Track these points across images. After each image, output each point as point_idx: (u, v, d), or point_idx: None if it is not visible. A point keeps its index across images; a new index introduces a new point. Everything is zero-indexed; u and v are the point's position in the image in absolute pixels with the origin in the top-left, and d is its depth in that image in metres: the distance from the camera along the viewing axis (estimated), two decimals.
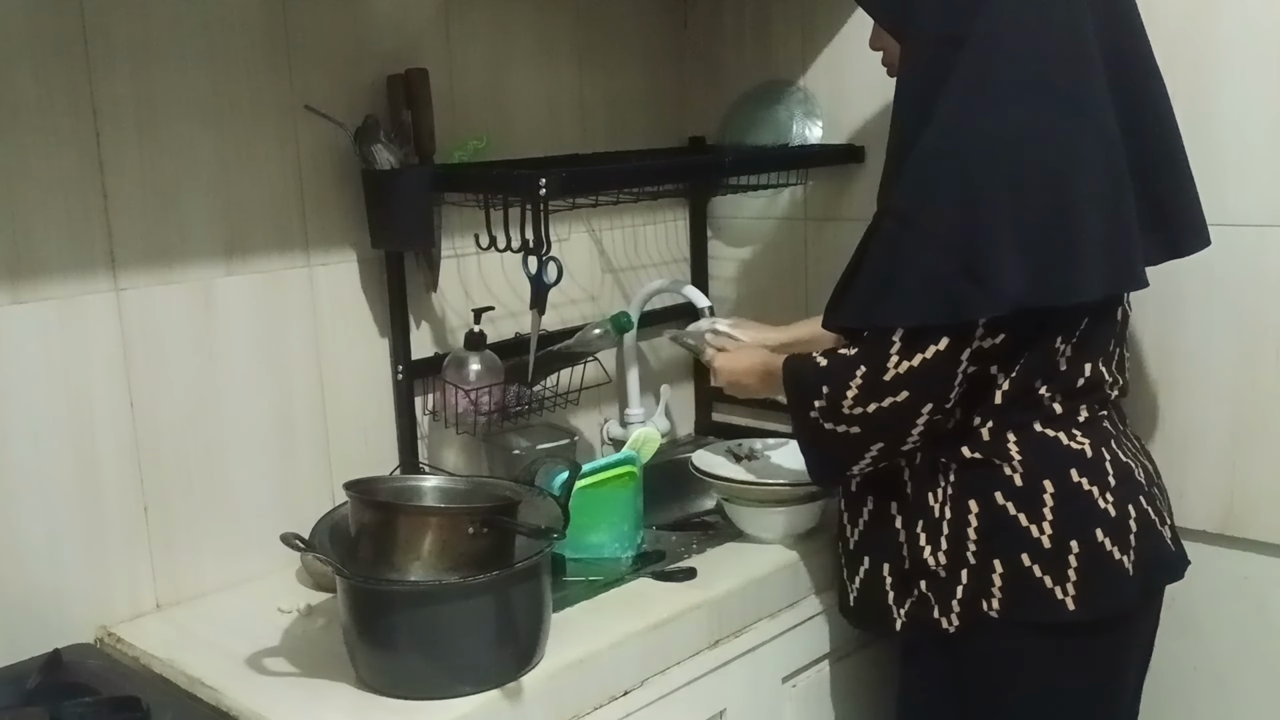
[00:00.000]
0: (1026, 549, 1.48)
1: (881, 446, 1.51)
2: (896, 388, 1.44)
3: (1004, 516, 1.49)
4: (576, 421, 2.15)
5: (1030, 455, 1.50)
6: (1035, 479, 1.49)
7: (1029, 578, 1.48)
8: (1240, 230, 1.72)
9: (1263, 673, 1.81)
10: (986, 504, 1.50)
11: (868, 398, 1.46)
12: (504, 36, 2.00)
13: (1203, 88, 1.72)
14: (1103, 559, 1.48)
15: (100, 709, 1.32)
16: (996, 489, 1.49)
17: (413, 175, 1.75)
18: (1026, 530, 1.48)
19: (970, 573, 1.50)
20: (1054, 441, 1.51)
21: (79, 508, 1.55)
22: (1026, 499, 1.49)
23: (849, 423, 1.49)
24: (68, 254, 1.51)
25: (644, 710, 1.53)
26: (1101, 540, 1.48)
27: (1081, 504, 1.49)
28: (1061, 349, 1.49)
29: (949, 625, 1.52)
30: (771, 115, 2.16)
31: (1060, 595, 1.48)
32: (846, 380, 1.47)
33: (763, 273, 2.30)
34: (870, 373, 1.45)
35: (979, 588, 1.50)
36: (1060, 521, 1.48)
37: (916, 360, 1.42)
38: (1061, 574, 1.48)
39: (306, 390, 1.77)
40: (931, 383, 1.44)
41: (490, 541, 1.35)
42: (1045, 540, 1.48)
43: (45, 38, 1.47)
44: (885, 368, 1.44)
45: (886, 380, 1.44)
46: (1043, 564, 1.48)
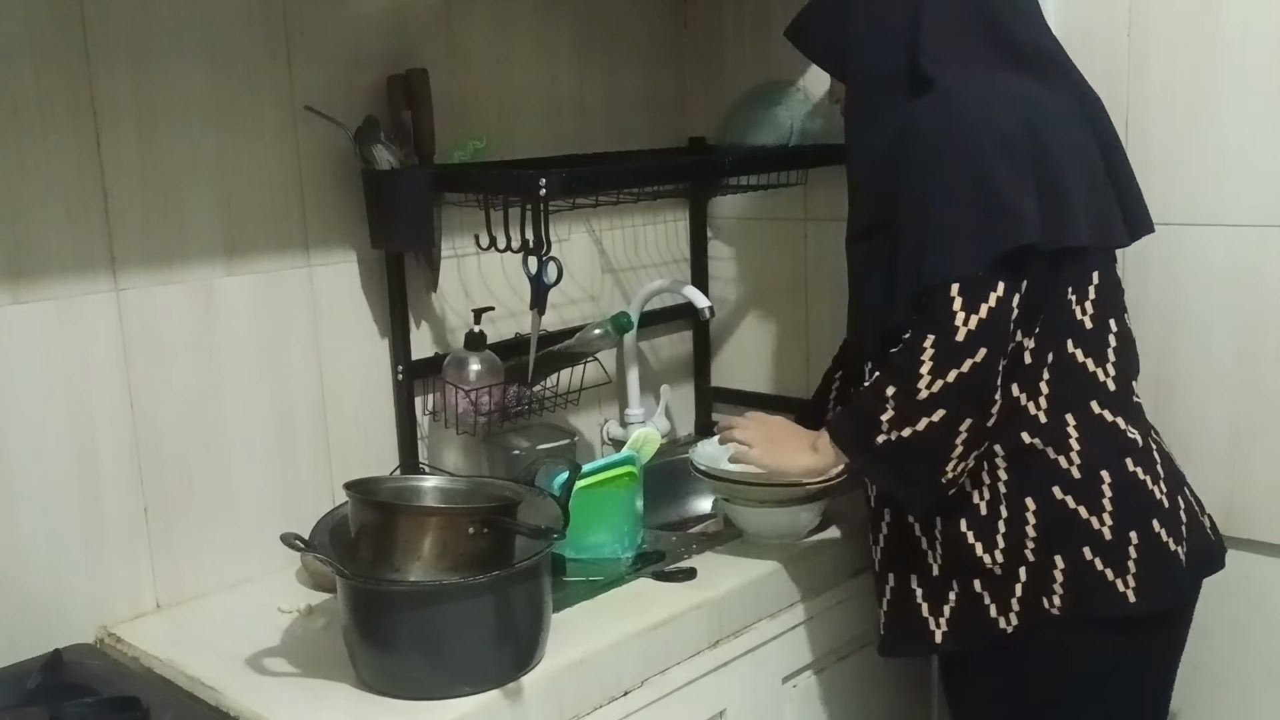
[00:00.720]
0: (1088, 542, 1.48)
1: (970, 423, 1.42)
2: (973, 346, 1.38)
3: (1064, 511, 1.48)
4: (576, 422, 2.15)
5: (1088, 444, 1.50)
6: (1093, 470, 1.49)
7: (1091, 571, 1.48)
8: (1240, 230, 1.72)
9: (1263, 673, 1.81)
10: (1045, 499, 1.49)
11: (945, 366, 1.39)
12: (504, 36, 2.00)
13: (1203, 88, 1.72)
14: (1160, 550, 1.49)
15: (100, 709, 1.32)
16: (1054, 483, 1.49)
17: (413, 175, 1.75)
18: (1087, 523, 1.48)
19: (1029, 569, 1.49)
20: (1111, 428, 1.52)
21: (79, 508, 1.55)
22: (1085, 491, 1.48)
23: (930, 408, 1.40)
24: (68, 254, 1.51)
25: (644, 710, 1.52)
26: (1158, 531, 1.50)
27: (1138, 494, 1.50)
28: (1076, 302, 1.51)
29: (1007, 625, 1.50)
30: (771, 115, 2.16)
31: (1121, 588, 1.48)
32: (917, 357, 1.40)
33: (763, 273, 2.30)
34: (940, 339, 1.39)
35: (1039, 584, 1.49)
36: (1120, 512, 1.48)
37: (983, 311, 1.39)
38: (1122, 566, 1.48)
39: (307, 390, 1.77)
40: (1000, 332, 1.41)
41: (490, 542, 1.35)
42: (1106, 532, 1.48)
43: (45, 38, 1.47)
44: (955, 328, 1.38)
45: (960, 341, 1.38)
46: (1104, 557, 1.48)
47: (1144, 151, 1.78)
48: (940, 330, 1.40)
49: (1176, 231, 1.77)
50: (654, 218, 2.27)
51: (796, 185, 2.14)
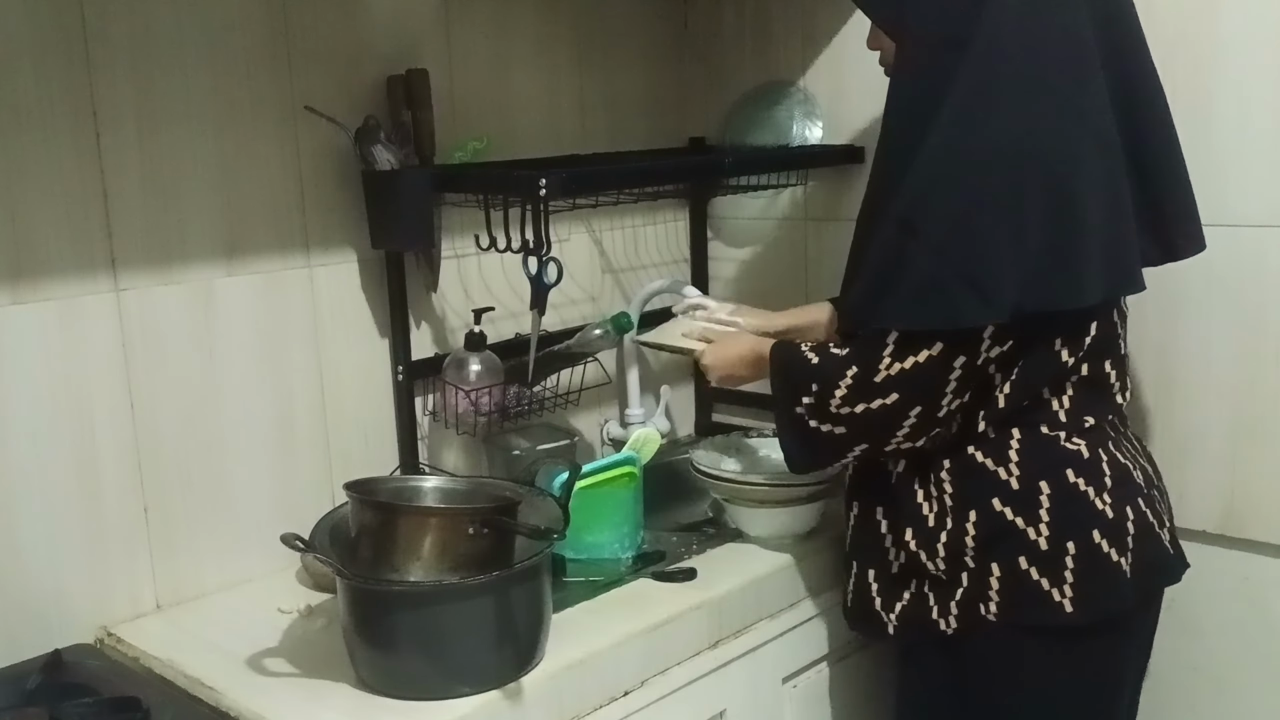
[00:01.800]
0: (1024, 552, 1.48)
1: (865, 447, 1.52)
2: (886, 390, 1.44)
3: (1002, 522, 1.49)
4: (577, 422, 2.15)
5: (1027, 456, 1.49)
6: (1031, 481, 1.49)
7: (1026, 581, 1.48)
8: (1240, 230, 1.72)
9: (1263, 673, 1.81)
10: (984, 511, 1.49)
11: (856, 398, 1.46)
12: (504, 37, 2.00)
13: (1203, 88, 1.72)
14: (1100, 561, 1.48)
15: (100, 709, 1.32)
16: (994, 495, 1.49)
17: (413, 176, 1.75)
18: (1024, 533, 1.48)
19: (969, 576, 1.50)
20: (1051, 440, 1.51)
21: (79, 508, 1.55)
22: (1023, 502, 1.48)
23: (835, 422, 1.49)
24: (68, 254, 1.52)
25: (644, 711, 1.53)
26: (1099, 542, 1.48)
27: (1078, 505, 1.49)
28: (1066, 353, 1.49)
29: (946, 627, 1.52)
30: (771, 116, 2.16)
31: (1058, 598, 1.47)
32: (836, 379, 1.47)
33: (763, 273, 2.30)
34: (861, 373, 1.45)
35: (977, 591, 1.50)
36: (1057, 523, 1.48)
37: (909, 363, 1.42)
38: (1059, 576, 1.47)
39: (306, 391, 1.77)
40: (921, 387, 1.43)
41: (490, 542, 1.35)
42: (1042, 543, 1.48)
43: (45, 38, 1.47)
44: (877, 369, 1.44)
45: (877, 382, 1.44)
46: (1040, 566, 1.48)
47: None
48: (863, 365, 1.45)
49: None
50: (654, 218, 2.27)
51: (796, 185, 2.15)
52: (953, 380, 1.43)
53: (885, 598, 1.59)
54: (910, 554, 1.54)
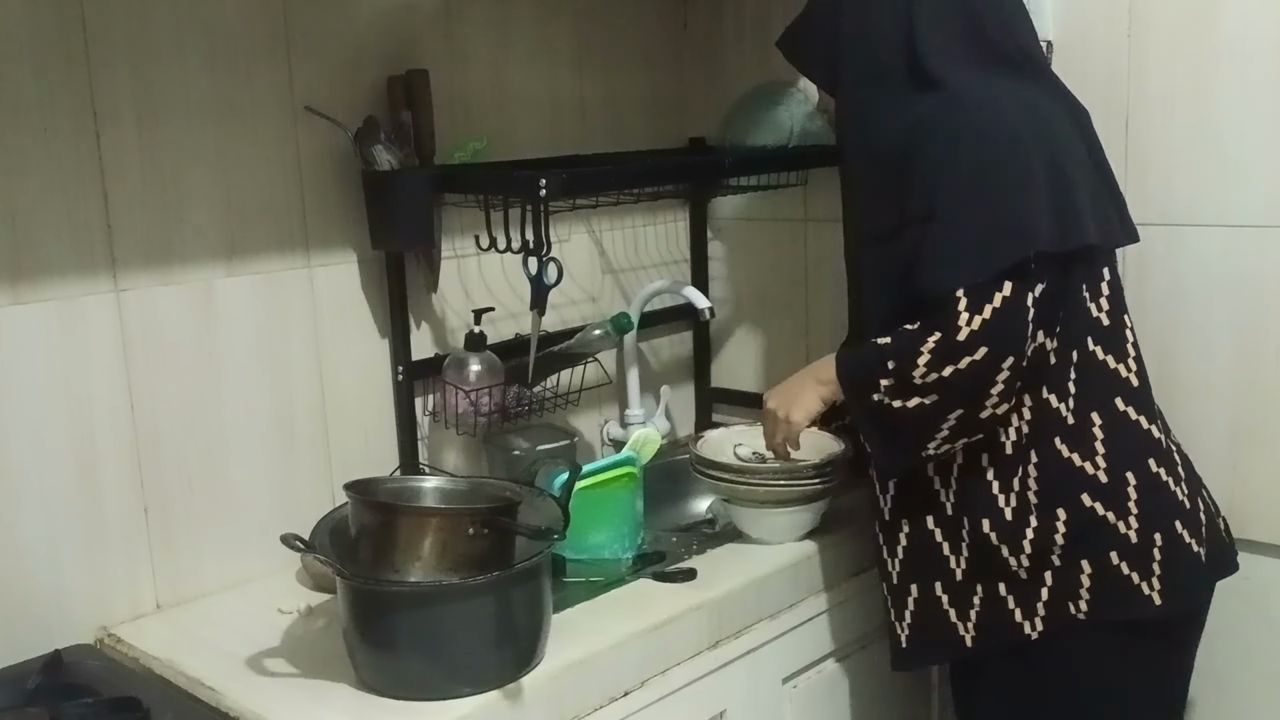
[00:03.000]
0: (1115, 547, 1.48)
1: (960, 414, 1.46)
2: (973, 345, 1.41)
3: (1092, 517, 1.49)
4: (577, 422, 2.15)
5: (1113, 446, 1.50)
6: (1118, 472, 1.50)
7: (1117, 576, 1.48)
8: (1240, 230, 1.72)
9: (1263, 673, 1.81)
10: (1074, 507, 1.49)
11: (943, 361, 1.42)
12: (504, 37, 2.00)
13: (1203, 88, 1.72)
14: (1183, 551, 1.50)
15: (100, 710, 1.32)
16: (1082, 490, 1.49)
17: (413, 176, 1.75)
18: (1115, 528, 1.49)
19: (1055, 574, 1.50)
20: (1135, 427, 1.52)
21: (79, 508, 1.55)
22: (1112, 495, 1.49)
23: (923, 393, 1.44)
24: (68, 255, 1.51)
25: (644, 711, 1.52)
26: (1180, 532, 1.50)
27: (1162, 496, 1.51)
28: (1089, 298, 1.52)
29: (1031, 630, 1.51)
30: (772, 116, 2.16)
31: (1147, 591, 1.48)
32: (917, 348, 1.44)
33: (763, 274, 2.29)
34: (944, 337, 1.42)
35: (1065, 589, 1.49)
36: (1144, 515, 1.49)
37: (987, 312, 1.41)
38: (1147, 569, 1.48)
39: (307, 391, 1.77)
40: (1007, 333, 1.42)
41: (490, 542, 1.35)
42: (1132, 535, 1.49)
43: (45, 38, 1.47)
44: (958, 326, 1.41)
45: (961, 340, 1.41)
46: (1130, 560, 1.48)
47: (1144, 152, 1.78)
48: (944, 329, 1.43)
49: (1176, 232, 1.77)
50: (654, 218, 2.27)
51: (796, 186, 2.14)
52: (1029, 323, 1.43)
53: (958, 608, 1.56)
54: (987, 550, 1.51)
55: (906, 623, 1.62)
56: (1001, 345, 1.42)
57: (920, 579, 1.60)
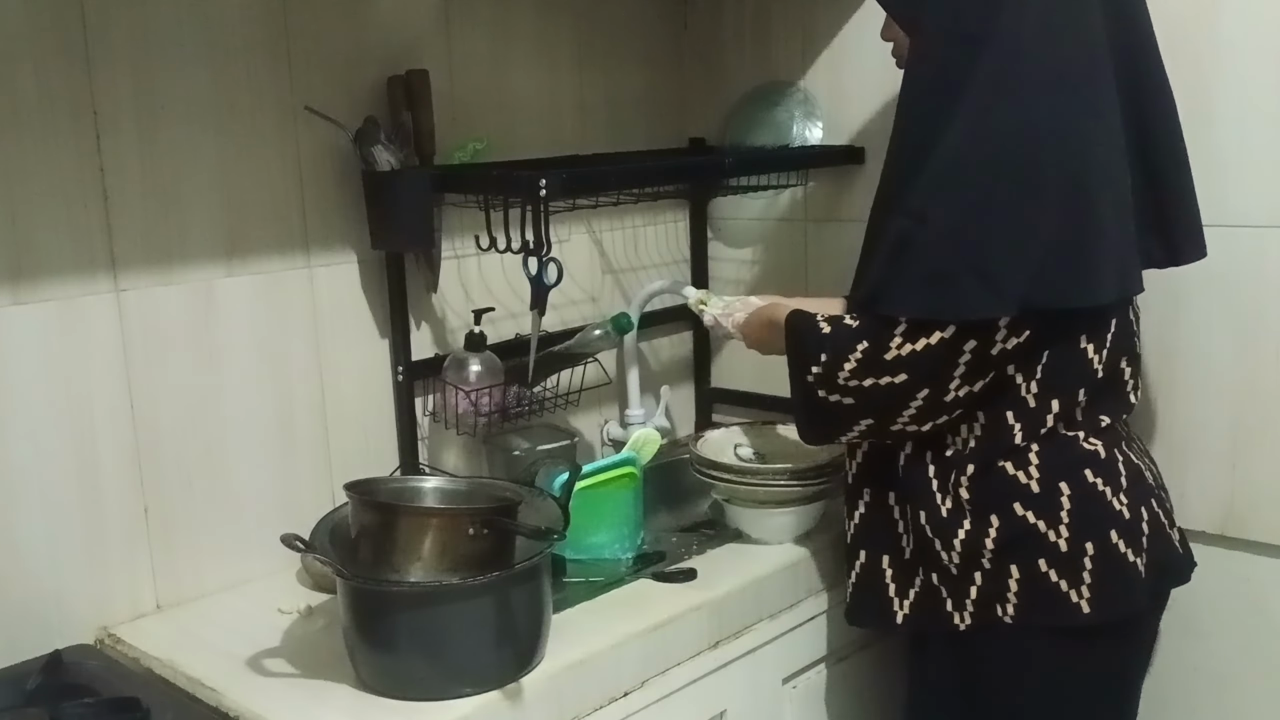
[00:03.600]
0: (1044, 554, 1.48)
1: (870, 423, 1.50)
2: (895, 369, 1.43)
3: (1023, 525, 1.48)
4: (577, 422, 2.15)
5: (1046, 457, 1.49)
6: (1051, 482, 1.49)
7: (1045, 583, 1.48)
8: (1240, 230, 1.72)
9: (1263, 673, 1.81)
10: (1006, 515, 1.49)
11: (865, 373, 1.45)
12: (504, 37, 2.00)
13: (1203, 88, 1.72)
14: (1117, 561, 1.49)
15: (100, 710, 1.32)
16: (1015, 499, 1.49)
17: (413, 176, 1.75)
18: (1044, 536, 1.48)
19: (985, 576, 1.50)
20: (1070, 441, 1.51)
21: (79, 508, 1.55)
22: (1044, 504, 1.48)
23: (843, 393, 1.48)
24: (68, 255, 1.51)
25: (644, 711, 1.53)
26: (1115, 542, 1.48)
27: (1096, 505, 1.49)
28: (1091, 349, 1.49)
29: (960, 622, 1.52)
30: (772, 116, 2.16)
31: (1075, 599, 1.48)
32: (847, 352, 1.45)
33: (763, 274, 2.29)
34: (871, 349, 1.44)
35: (992, 591, 1.50)
36: (1077, 524, 1.48)
37: (920, 344, 1.41)
38: (1077, 577, 1.48)
39: (307, 391, 1.77)
40: (930, 369, 1.42)
41: (490, 542, 1.35)
42: (1062, 544, 1.48)
43: (45, 38, 1.47)
44: (888, 347, 1.42)
45: (887, 359, 1.43)
46: (1059, 568, 1.48)
47: None
48: (874, 341, 1.44)
49: None
50: (654, 219, 2.27)
51: (797, 186, 2.15)
52: (961, 365, 1.42)
53: (899, 584, 1.58)
54: (924, 540, 1.53)
55: (851, 583, 1.64)
56: (920, 379, 1.43)
57: (869, 547, 1.61)
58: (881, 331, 1.43)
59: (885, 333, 1.43)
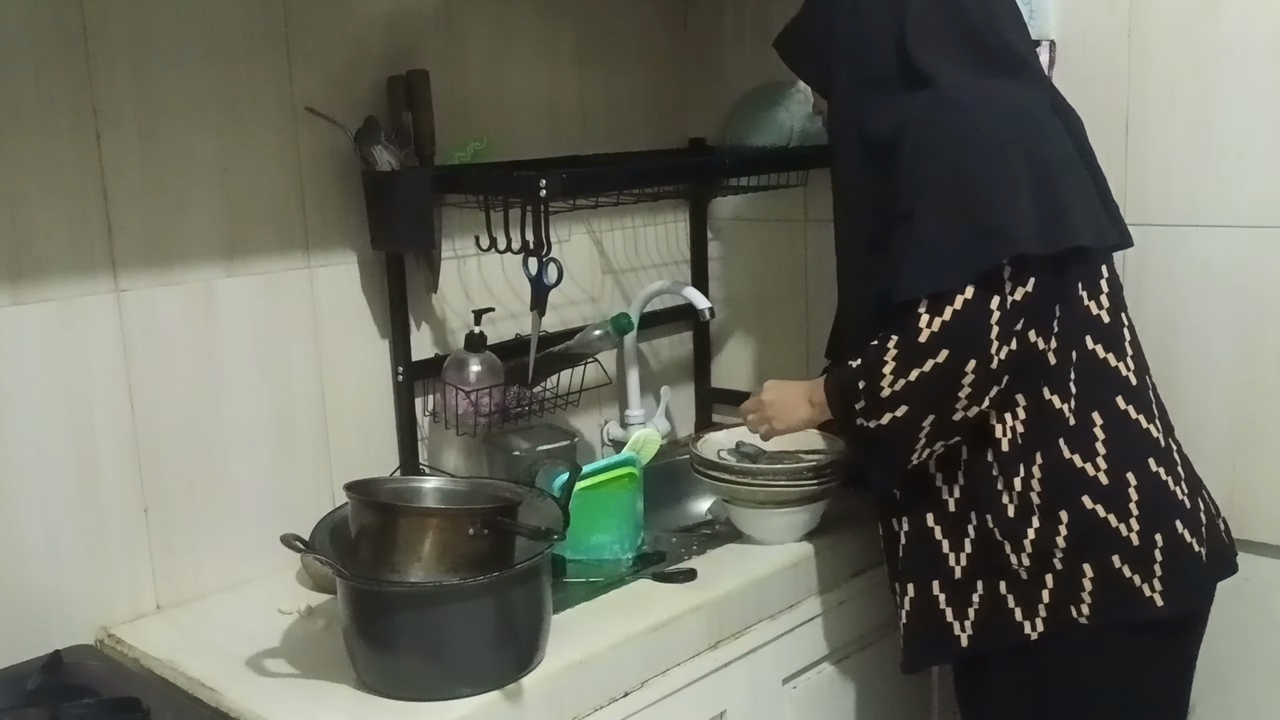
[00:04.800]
0: (1117, 550, 1.48)
1: (933, 419, 1.47)
2: (935, 348, 1.42)
3: (1094, 519, 1.49)
4: (577, 423, 2.15)
5: (1114, 446, 1.50)
6: (1119, 473, 1.49)
7: (1119, 579, 1.48)
8: (1240, 231, 1.72)
9: (1264, 673, 1.81)
10: (1076, 510, 1.49)
11: (907, 366, 1.44)
12: (504, 38, 2.00)
13: (1203, 88, 1.72)
14: (1183, 551, 1.50)
15: (100, 710, 1.32)
16: (1084, 493, 1.49)
17: (413, 177, 1.75)
18: (1116, 530, 1.48)
19: (1056, 578, 1.49)
20: (1135, 426, 1.52)
21: (79, 509, 1.55)
22: (1113, 497, 1.49)
23: (893, 406, 1.46)
24: (68, 255, 1.51)
25: (644, 711, 1.52)
26: (1180, 531, 1.50)
27: (1162, 496, 1.51)
28: (1087, 296, 1.52)
29: (1032, 631, 1.51)
30: (771, 117, 2.16)
31: (1148, 593, 1.48)
32: (881, 359, 1.46)
33: (763, 274, 2.30)
34: (903, 339, 1.44)
35: (1066, 592, 1.49)
36: (1145, 516, 1.49)
37: (947, 314, 1.42)
38: (1149, 570, 1.48)
39: (307, 392, 1.77)
40: (969, 335, 1.42)
41: (490, 543, 1.35)
42: (1134, 538, 1.48)
43: (45, 38, 1.47)
44: (918, 329, 1.43)
45: (922, 343, 1.43)
46: (1132, 563, 1.48)
47: (1144, 152, 1.78)
48: (903, 332, 1.45)
49: (1176, 232, 1.78)
50: (654, 219, 2.27)
51: (796, 186, 2.15)
52: (994, 324, 1.42)
53: (955, 607, 1.56)
54: (991, 545, 1.51)
55: (904, 623, 1.62)
56: (962, 347, 1.43)
57: (916, 578, 1.59)
58: (906, 320, 1.44)
59: (910, 319, 1.44)
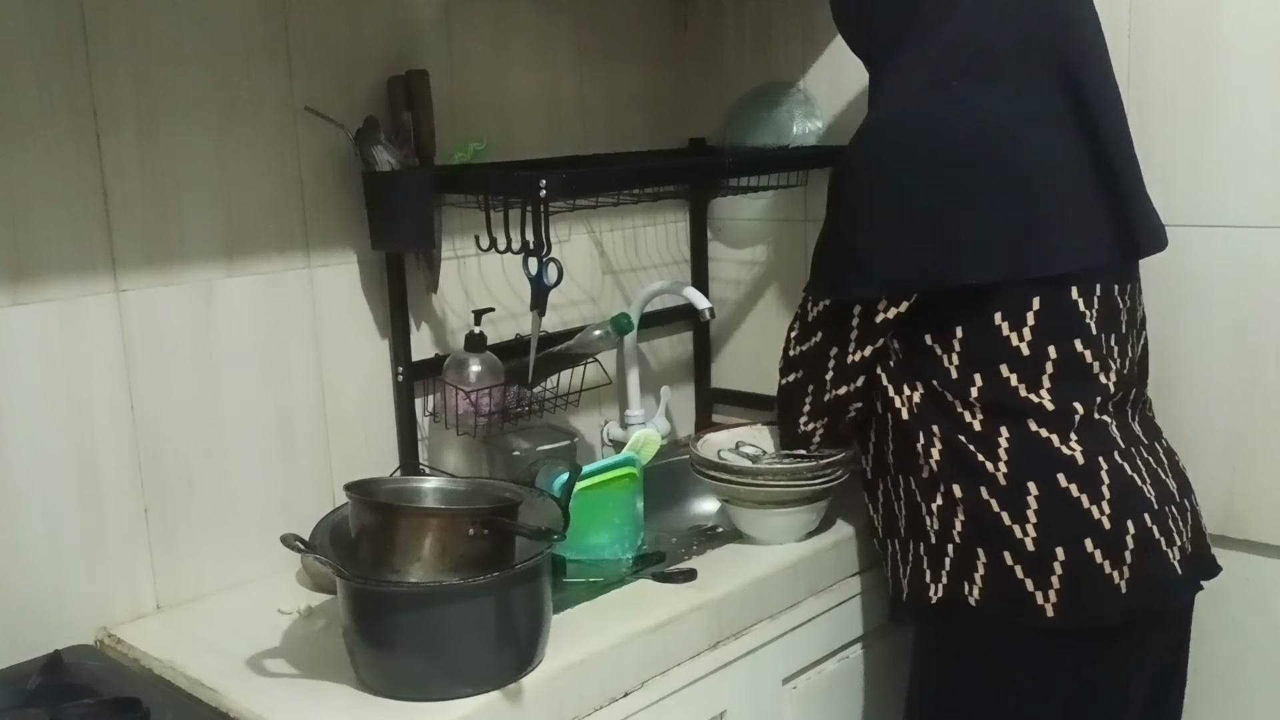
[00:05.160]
0: (1008, 547, 1.49)
1: (812, 390, 1.66)
2: (814, 328, 1.64)
3: (988, 511, 1.50)
4: (577, 423, 2.15)
5: (1016, 454, 1.50)
6: (1019, 479, 1.49)
7: (1011, 576, 1.49)
8: (1240, 231, 1.72)
9: (1264, 674, 1.81)
10: (971, 493, 1.51)
11: (801, 339, 1.67)
12: (504, 38, 2.00)
13: (1203, 88, 1.72)
14: (1091, 571, 1.47)
15: (100, 710, 1.32)
16: (980, 483, 1.51)
17: (413, 177, 1.75)
18: (1009, 529, 1.49)
19: (955, 550, 1.53)
20: (1045, 443, 1.51)
21: (79, 509, 1.55)
22: (1009, 497, 1.49)
23: (791, 369, 1.69)
24: (68, 255, 1.51)
25: (644, 712, 1.52)
26: (1091, 551, 1.47)
27: (1069, 512, 1.48)
28: (1007, 327, 1.50)
29: (934, 595, 1.55)
30: (772, 117, 2.16)
31: (1040, 600, 1.48)
32: (791, 325, 1.70)
33: (763, 274, 2.30)
34: (798, 319, 1.68)
35: (963, 568, 1.52)
36: (1045, 526, 1.48)
37: (822, 306, 1.63)
38: (1045, 579, 1.47)
39: (307, 392, 1.77)
40: (834, 326, 1.61)
41: (490, 543, 1.35)
42: (1029, 543, 1.48)
43: (45, 38, 1.47)
44: (807, 312, 1.65)
45: (809, 321, 1.65)
46: (1025, 565, 1.48)
47: (1144, 152, 1.78)
48: (800, 313, 1.68)
49: (1176, 232, 1.77)
50: (654, 219, 2.27)
51: (797, 186, 2.14)
52: (854, 328, 1.58)
53: (895, 562, 1.65)
54: (912, 507, 1.58)
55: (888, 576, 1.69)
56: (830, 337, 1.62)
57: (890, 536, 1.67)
58: (804, 304, 1.67)
59: (804, 305, 1.66)
